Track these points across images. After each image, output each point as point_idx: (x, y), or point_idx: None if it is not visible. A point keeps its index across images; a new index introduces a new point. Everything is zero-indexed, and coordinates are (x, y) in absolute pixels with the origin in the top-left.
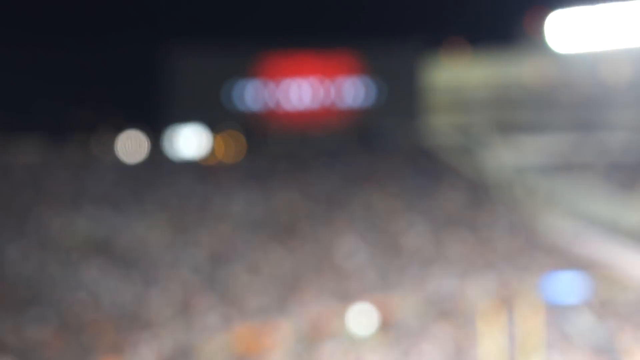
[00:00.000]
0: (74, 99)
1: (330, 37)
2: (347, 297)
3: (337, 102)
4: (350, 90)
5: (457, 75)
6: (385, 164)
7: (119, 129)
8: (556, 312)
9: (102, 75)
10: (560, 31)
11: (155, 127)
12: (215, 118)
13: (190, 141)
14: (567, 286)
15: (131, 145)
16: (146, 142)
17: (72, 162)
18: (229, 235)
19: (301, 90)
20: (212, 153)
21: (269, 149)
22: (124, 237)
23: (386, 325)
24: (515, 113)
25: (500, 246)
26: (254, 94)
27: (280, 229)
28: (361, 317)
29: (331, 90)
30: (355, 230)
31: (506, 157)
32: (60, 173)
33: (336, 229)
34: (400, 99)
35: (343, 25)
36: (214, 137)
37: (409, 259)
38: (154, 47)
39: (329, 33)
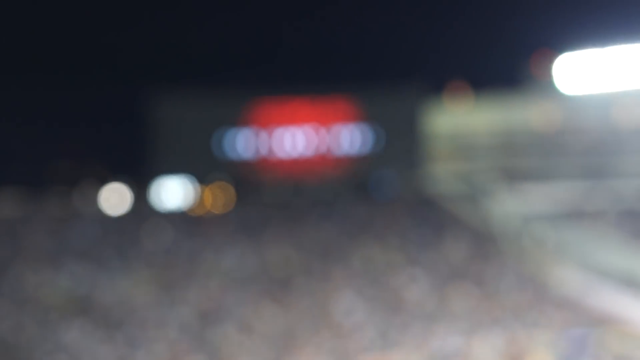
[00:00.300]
0: (54, 150)
1: (325, 83)
2: (345, 357)
3: (333, 149)
4: (346, 138)
5: (460, 121)
6: (385, 215)
7: (102, 181)
8: None
9: (84, 125)
10: (569, 73)
11: (140, 178)
12: (203, 168)
13: (177, 192)
14: (579, 343)
15: (115, 198)
16: (130, 194)
17: (52, 215)
18: (219, 292)
19: (295, 138)
20: (201, 203)
21: (260, 199)
22: (106, 295)
23: None
24: (522, 159)
25: (508, 300)
26: (246, 143)
27: (274, 284)
28: None
29: (326, 138)
30: (354, 285)
31: (513, 205)
32: (39, 227)
33: (333, 284)
34: (400, 146)
35: (338, 70)
36: (203, 188)
37: (411, 316)
38: (139, 95)
39: (324, 79)
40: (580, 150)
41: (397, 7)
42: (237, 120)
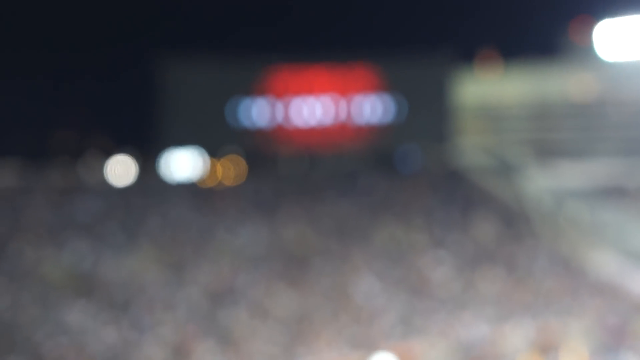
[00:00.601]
0: (57, 119)
1: (346, 50)
2: (365, 345)
3: (353, 119)
4: (368, 108)
5: (490, 91)
6: (409, 190)
7: (108, 152)
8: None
9: (88, 93)
10: (610, 40)
11: (148, 149)
12: (215, 139)
13: (187, 163)
14: (616, 332)
15: (121, 169)
16: (137, 166)
17: (54, 187)
18: (230, 272)
19: (312, 107)
20: (212, 175)
21: (275, 172)
22: (111, 273)
23: None
24: (557, 132)
25: (540, 286)
26: (260, 112)
27: (289, 265)
28: None
29: (347, 108)
30: (374, 267)
31: (546, 182)
32: (40, 200)
33: (352, 265)
34: (426, 117)
35: (360, 36)
36: (214, 160)
37: (435, 301)
38: (147, 61)
39: (344, 45)
40: (621, 123)
41: None
42: (251, 88)
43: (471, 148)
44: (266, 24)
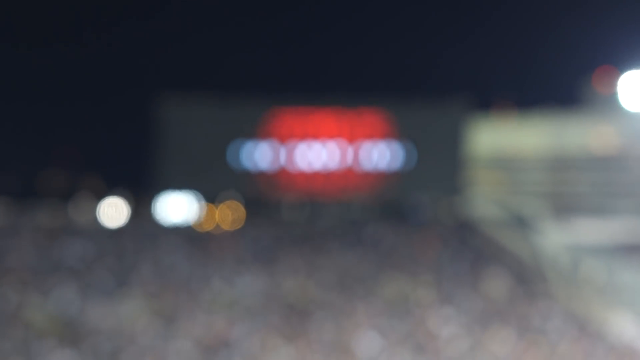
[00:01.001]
0: (48, 157)
1: (355, 94)
2: None
3: (361, 166)
4: (376, 155)
5: (506, 141)
6: (417, 243)
7: (101, 194)
8: None
9: (82, 130)
10: (634, 91)
11: (143, 192)
12: (213, 184)
13: (183, 207)
14: None
15: (113, 212)
16: (129, 207)
17: (42, 229)
18: (225, 324)
19: (317, 152)
20: (209, 219)
21: (275, 218)
22: (98, 322)
23: None
24: (576, 186)
25: (554, 348)
26: (261, 156)
27: (287, 318)
28: None
29: (353, 154)
30: (378, 324)
31: (563, 238)
32: (27, 241)
33: (355, 321)
34: (438, 166)
35: (370, 80)
36: (212, 206)
37: None
38: (145, 100)
39: (353, 89)
40: None
41: (439, 14)
42: (255, 131)
43: (484, 200)
44: (272, 65)
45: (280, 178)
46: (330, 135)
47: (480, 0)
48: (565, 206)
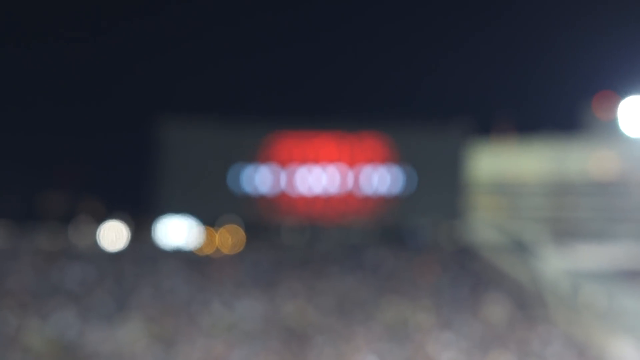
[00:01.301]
0: (49, 180)
1: (355, 119)
2: None
3: (359, 190)
4: (376, 180)
5: (507, 166)
6: (417, 267)
7: (101, 217)
8: None
9: (83, 154)
10: (634, 117)
11: (143, 216)
12: (213, 209)
13: (183, 231)
14: None
15: (113, 235)
16: (129, 231)
17: (41, 252)
18: (225, 348)
19: (317, 176)
20: (209, 243)
21: (275, 242)
22: (98, 345)
23: None
24: (576, 211)
25: None
26: (262, 179)
27: (287, 343)
28: None
29: (353, 178)
30: (378, 348)
31: (563, 263)
32: (26, 264)
33: (354, 346)
34: (438, 191)
35: (370, 105)
36: (212, 227)
37: None
38: (145, 123)
39: (353, 114)
40: None
41: (441, 40)
42: (254, 155)
43: (484, 225)
44: (273, 89)
45: (280, 202)
46: (331, 160)
47: (480, 26)
48: (565, 231)
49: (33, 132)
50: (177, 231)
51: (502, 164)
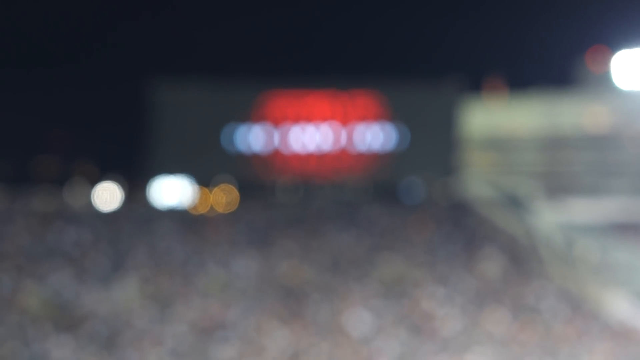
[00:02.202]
0: (42, 142)
1: (347, 77)
2: None
3: (353, 148)
4: (370, 137)
5: (500, 122)
6: (411, 224)
7: (95, 179)
8: None
9: (76, 116)
10: (628, 70)
11: (137, 177)
12: (207, 168)
13: (177, 190)
14: None
15: (108, 196)
16: (123, 192)
17: (36, 214)
18: (221, 307)
19: (310, 134)
20: (203, 202)
21: (269, 201)
22: (94, 307)
23: None
24: (570, 166)
25: (548, 327)
26: (255, 138)
27: (282, 301)
28: None
29: (347, 136)
30: (373, 305)
31: (557, 218)
32: (21, 227)
33: (350, 302)
34: (432, 147)
35: (363, 63)
36: (206, 187)
37: (437, 344)
38: (138, 84)
39: (346, 72)
40: (637, 157)
41: None
42: (247, 115)
43: (478, 180)
44: (265, 48)
45: (274, 161)
46: (324, 118)
47: None
48: (558, 186)
49: (25, 96)
50: (171, 191)
51: (495, 119)
